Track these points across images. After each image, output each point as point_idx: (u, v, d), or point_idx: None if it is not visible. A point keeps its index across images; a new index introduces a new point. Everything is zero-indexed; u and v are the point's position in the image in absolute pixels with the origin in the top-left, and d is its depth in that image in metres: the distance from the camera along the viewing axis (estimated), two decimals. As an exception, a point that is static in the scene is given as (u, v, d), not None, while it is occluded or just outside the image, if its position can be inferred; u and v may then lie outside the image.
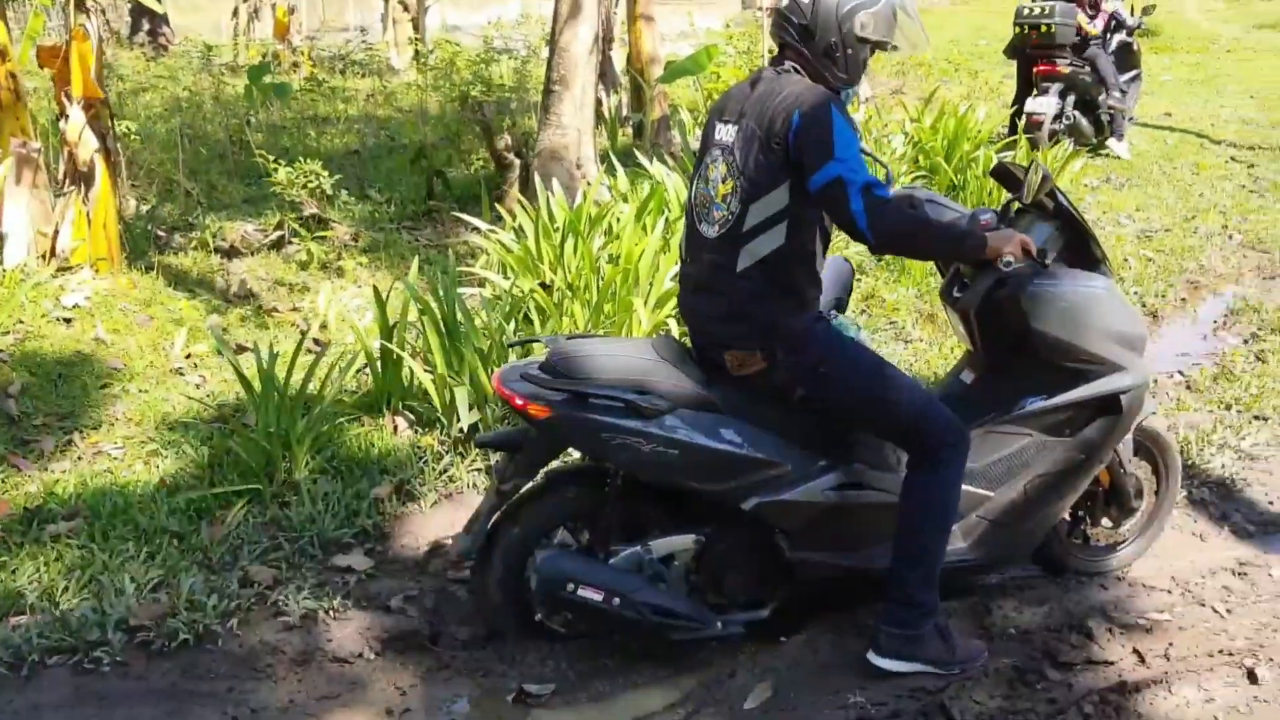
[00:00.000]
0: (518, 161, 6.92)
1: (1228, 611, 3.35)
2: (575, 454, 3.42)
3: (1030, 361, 3.22)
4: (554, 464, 3.28)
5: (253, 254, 6.50)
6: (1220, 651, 3.13)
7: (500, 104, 9.36)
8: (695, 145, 7.39)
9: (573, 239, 4.87)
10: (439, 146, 8.75)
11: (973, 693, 2.93)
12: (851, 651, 3.16)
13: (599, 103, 8.36)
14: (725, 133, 2.95)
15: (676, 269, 4.74)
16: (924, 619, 3.02)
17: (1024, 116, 8.72)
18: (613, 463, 2.98)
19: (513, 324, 4.54)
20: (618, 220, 5.25)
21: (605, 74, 8.94)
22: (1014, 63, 9.68)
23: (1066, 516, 3.47)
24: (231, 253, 6.48)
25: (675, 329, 4.70)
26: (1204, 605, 3.39)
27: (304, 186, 6.54)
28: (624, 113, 9.43)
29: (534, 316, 4.67)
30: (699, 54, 7.91)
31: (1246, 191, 8.41)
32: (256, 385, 4.00)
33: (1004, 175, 3.36)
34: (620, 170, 6.34)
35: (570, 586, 2.96)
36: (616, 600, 2.97)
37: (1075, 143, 8.70)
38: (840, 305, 3.40)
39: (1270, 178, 8.71)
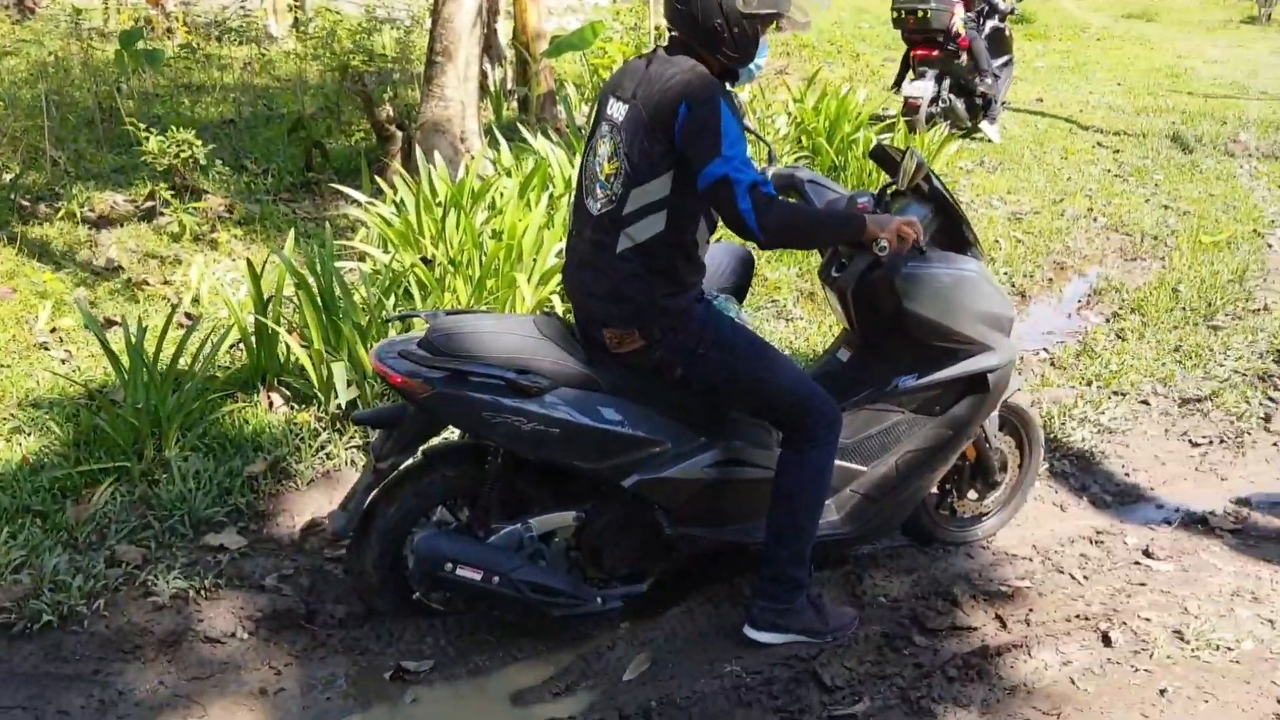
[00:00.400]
0: (399, 133, 6.81)
1: (1085, 578, 3.51)
2: (455, 432, 3.41)
3: (903, 341, 3.31)
4: (433, 441, 3.26)
5: (122, 225, 6.27)
6: (1077, 616, 3.28)
7: (382, 74, 9.19)
8: (581, 121, 7.38)
9: (455, 213, 4.82)
10: (318, 117, 8.55)
11: (844, 659, 3.03)
12: (728, 621, 3.24)
13: (483, 76, 8.26)
14: (616, 110, 2.93)
15: (561, 245, 4.75)
16: (796, 593, 3.09)
17: (902, 100, 8.91)
18: (493, 441, 2.97)
19: (392, 299, 4.49)
20: (501, 195, 5.22)
21: (490, 47, 8.83)
22: (894, 46, 9.86)
23: (935, 490, 3.58)
24: (100, 223, 6.25)
25: (559, 306, 4.70)
26: (1063, 572, 3.54)
27: (176, 156, 6.33)
28: (509, 87, 9.35)
29: (414, 292, 4.61)
30: (585, 29, 7.87)
31: (1111, 176, 8.73)
32: (125, 360, 3.89)
33: (882, 158, 3.43)
34: (504, 144, 6.29)
35: (449, 566, 2.96)
36: (496, 579, 2.97)
37: (950, 126, 8.92)
38: (739, 294, 3.43)
39: (1134, 163, 9.06)
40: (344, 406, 4.05)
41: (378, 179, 6.05)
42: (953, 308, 3.24)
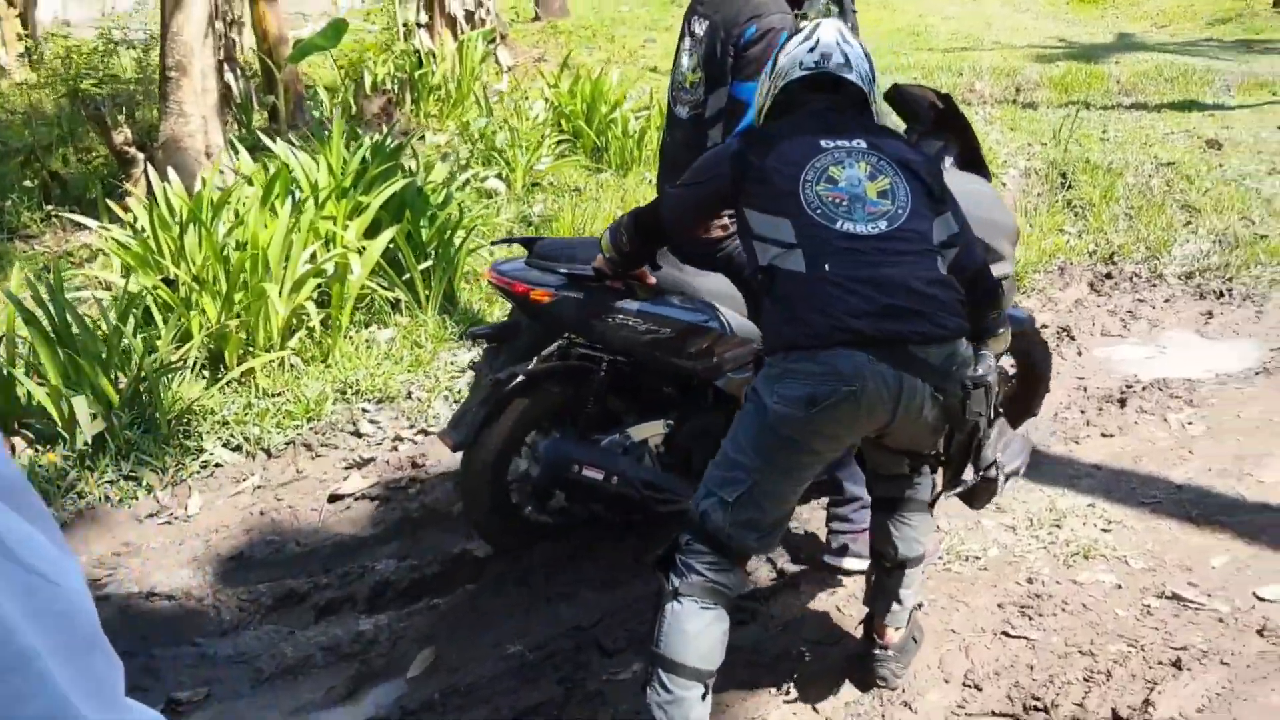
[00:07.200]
0: (141, 155, 6.49)
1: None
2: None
3: None
4: (531, 366, 3.26)
5: None
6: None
7: (120, 97, 8.76)
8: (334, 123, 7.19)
9: (194, 228, 4.61)
10: (54, 147, 8.09)
11: (624, 623, 3.07)
12: (511, 601, 3.24)
13: (227, 88, 7.98)
14: (698, 26, 3.15)
15: (310, 250, 4.63)
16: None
17: None
18: (608, 345, 3.13)
19: (131, 323, 4.26)
20: (244, 204, 5.03)
21: (231, 58, 8.54)
22: (653, 27, 10.03)
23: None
24: None
25: (315, 313, 4.57)
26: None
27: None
28: (254, 97, 9.06)
29: (156, 315, 4.40)
30: (327, 29, 7.69)
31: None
32: None
33: (900, 99, 3.36)
34: (244, 152, 6.09)
35: (575, 468, 3.13)
36: (615, 478, 3.14)
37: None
38: None
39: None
40: (91, 441, 3.84)
41: (111, 204, 5.75)
42: (974, 219, 3.25)
